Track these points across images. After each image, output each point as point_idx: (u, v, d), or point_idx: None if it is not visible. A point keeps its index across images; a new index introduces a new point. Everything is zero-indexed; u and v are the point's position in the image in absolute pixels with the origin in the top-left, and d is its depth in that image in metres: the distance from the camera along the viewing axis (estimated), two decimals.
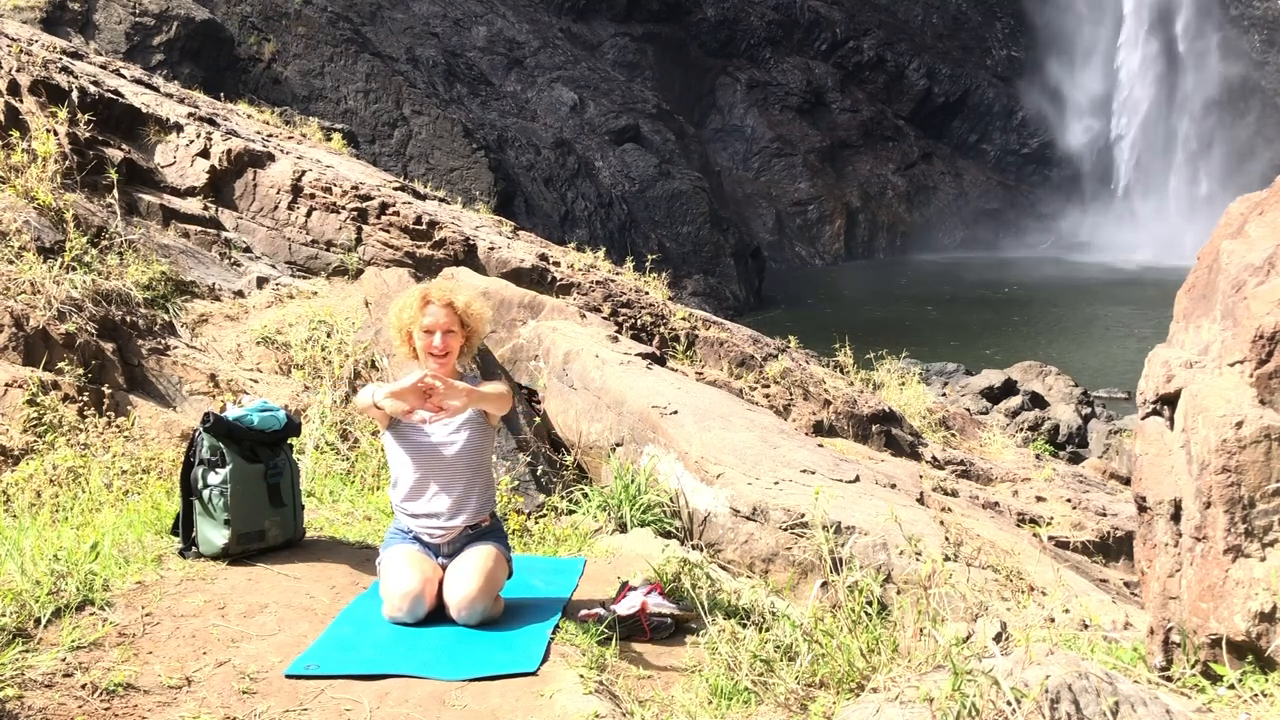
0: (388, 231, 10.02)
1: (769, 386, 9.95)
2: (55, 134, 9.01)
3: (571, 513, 6.44)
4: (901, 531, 5.52)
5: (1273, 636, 3.30)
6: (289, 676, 3.80)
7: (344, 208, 10.10)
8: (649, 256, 13.75)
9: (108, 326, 7.46)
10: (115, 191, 9.16)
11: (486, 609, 4.37)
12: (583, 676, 3.91)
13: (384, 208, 10.16)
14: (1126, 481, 11.52)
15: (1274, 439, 3.33)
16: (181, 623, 4.11)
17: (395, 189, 11.31)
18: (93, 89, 10.15)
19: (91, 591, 4.16)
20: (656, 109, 40.36)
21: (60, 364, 6.82)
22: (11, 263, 7.52)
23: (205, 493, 4.79)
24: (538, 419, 7.54)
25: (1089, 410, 19.49)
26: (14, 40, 10.71)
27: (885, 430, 9.92)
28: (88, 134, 9.47)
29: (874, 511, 5.91)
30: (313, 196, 10.15)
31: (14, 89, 9.54)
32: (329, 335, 8.39)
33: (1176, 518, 3.60)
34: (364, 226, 10.05)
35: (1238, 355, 3.53)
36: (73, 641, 3.78)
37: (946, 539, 5.93)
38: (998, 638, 3.66)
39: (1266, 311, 3.45)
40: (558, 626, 4.42)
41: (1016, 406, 19.14)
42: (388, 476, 5.00)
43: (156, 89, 12.03)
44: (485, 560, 4.42)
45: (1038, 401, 19.52)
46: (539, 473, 6.64)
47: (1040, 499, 9.04)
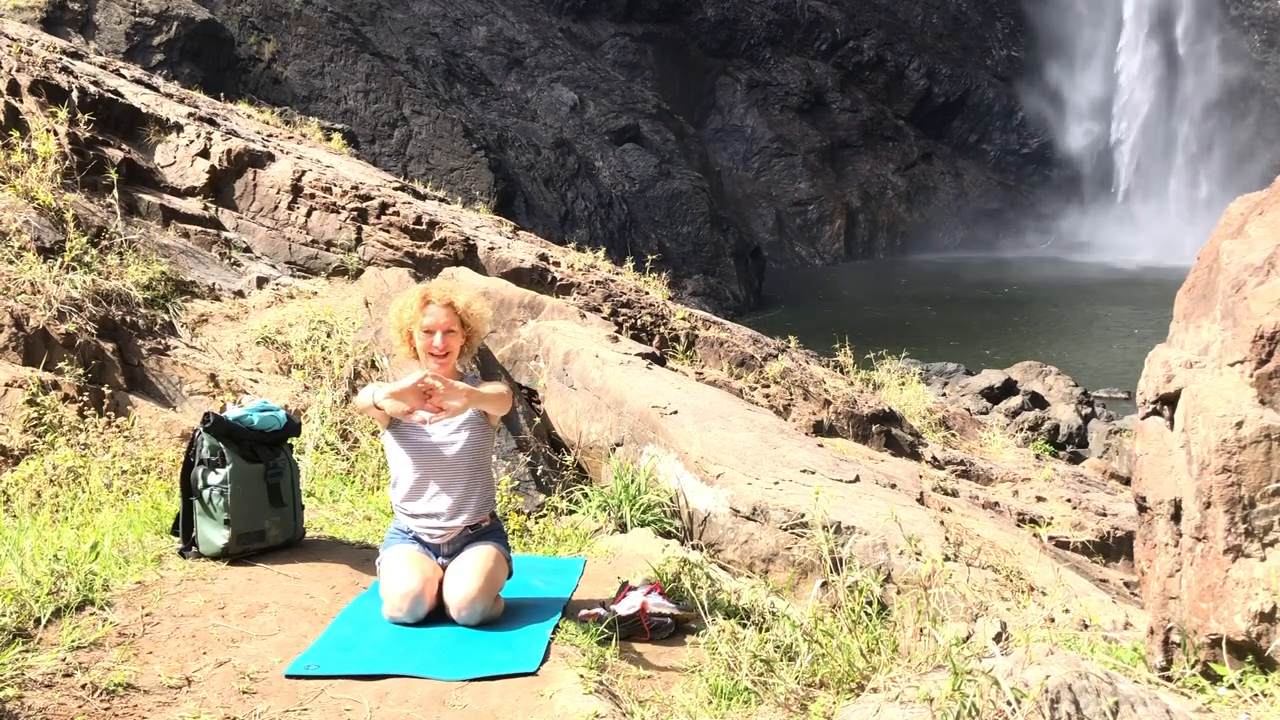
0: (388, 231, 10.02)
1: (769, 386, 9.95)
2: (55, 134, 9.01)
3: (571, 513, 6.43)
4: (901, 531, 5.52)
5: (1273, 636, 3.30)
6: (289, 676, 3.80)
7: (344, 208, 10.10)
8: (649, 256, 13.75)
9: (108, 326, 7.46)
10: (115, 191, 9.16)
11: (486, 609, 4.37)
12: (583, 676, 3.91)
13: (384, 208, 10.16)
14: (1126, 481, 11.52)
15: (1274, 439, 3.33)
16: (181, 623, 4.11)
17: (395, 189, 11.32)
18: (93, 89, 10.15)
19: (91, 591, 4.16)
20: (656, 109, 40.37)
21: (60, 364, 6.82)
22: (11, 263, 7.52)
23: (205, 493, 4.79)
24: (538, 419, 7.54)
25: (1089, 410, 19.49)
26: (14, 40, 10.71)
27: (885, 430, 9.92)
28: (88, 134, 9.47)
29: (874, 511, 5.91)
30: (313, 196, 10.15)
31: (14, 89, 9.54)
32: (329, 335, 8.39)
33: (1176, 518, 3.60)
34: (364, 226, 10.05)
35: (1238, 355, 3.53)
36: (73, 641, 3.78)
37: (946, 539, 5.93)
38: (998, 638, 3.66)
39: (1266, 311, 3.45)
40: (558, 626, 4.42)
41: (1016, 406, 19.14)
42: (388, 476, 5.00)
43: (156, 89, 12.03)
44: (485, 560, 4.42)
45: (1038, 401, 19.52)
46: (539, 473, 6.64)
47: (1040, 499, 9.04)
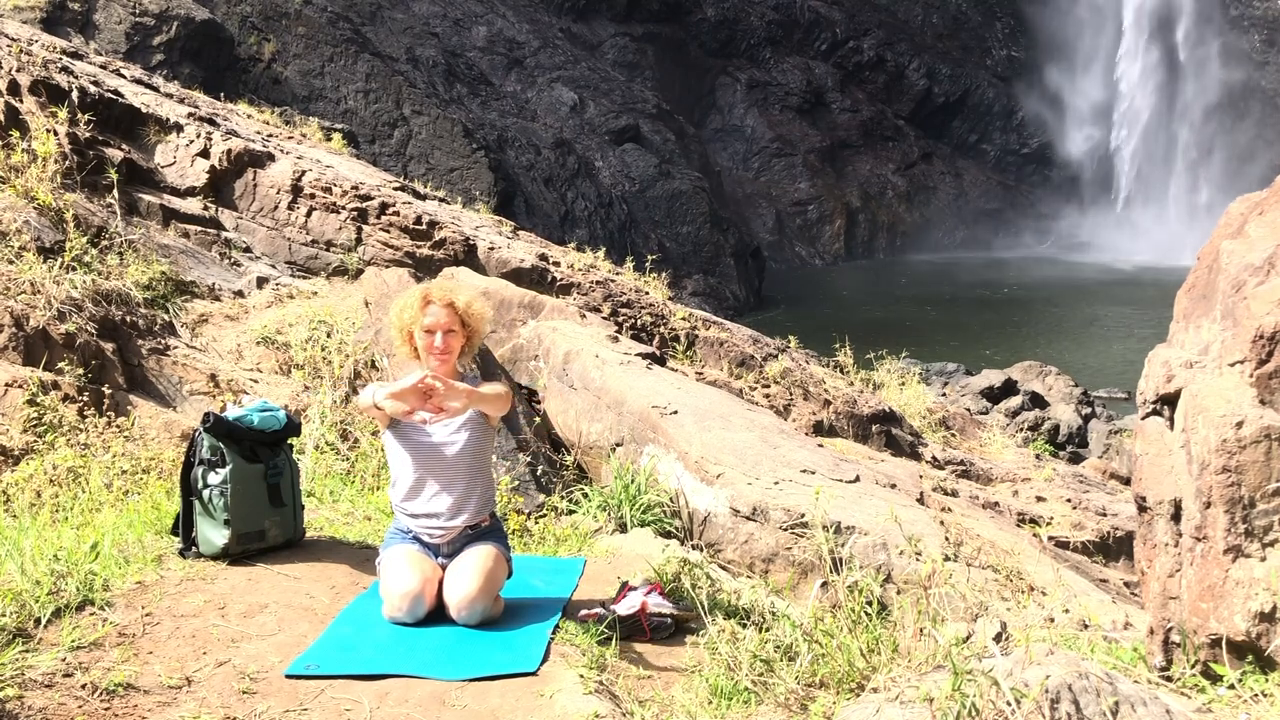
0: (388, 231, 10.02)
1: (769, 386, 9.95)
2: (55, 134, 9.01)
3: (571, 513, 6.43)
4: (901, 531, 5.52)
5: (1273, 636, 3.30)
6: (289, 676, 3.80)
7: (344, 208, 10.10)
8: (649, 256, 13.76)
9: (108, 326, 7.46)
10: (115, 191, 9.16)
11: (486, 609, 4.37)
12: (583, 676, 3.91)
13: (384, 208, 10.16)
14: (1126, 481, 11.52)
15: (1274, 439, 3.33)
16: (181, 623, 4.11)
17: (395, 189, 11.32)
18: (93, 89, 10.15)
19: (91, 591, 4.16)
20: (656, 109, 40.36)
21: (60, 364, 6.82)
22: (11, 263, 7.52)
23: (205, 493, 4.79)
24: (538, 419, 7.54)
25: (1089, 410, 19.49)
26: (14, 40, 10.71)
27: (885, 430, 9.92)
28: (88, 134, 9.47)
29: (874, 511, 5.91)
30: (313, 196, 10.15)
31: (14, 89, 9.54)
32: (329, 335, 8.39)
33: (1176, 518, 3.60)
34: (364, 226, 10.05)
35: (1238, 355, 3.53)
36: (73, 641, 3.78)
37: (946, 539, 5.93)
38: (998, 638, 3.66)
39: (1266, 311, 3.45)
40: (558, 626, 4.42)
41: (1016, 406, 19.14)
42: (388, 476, 5.00)
43: (156, 89, 12.03)
44: (485, 560, 4.42)
45: (1038, 401, 19.52)
46: (539, 473, 6.64)
47: (1040, 499, 9.04)
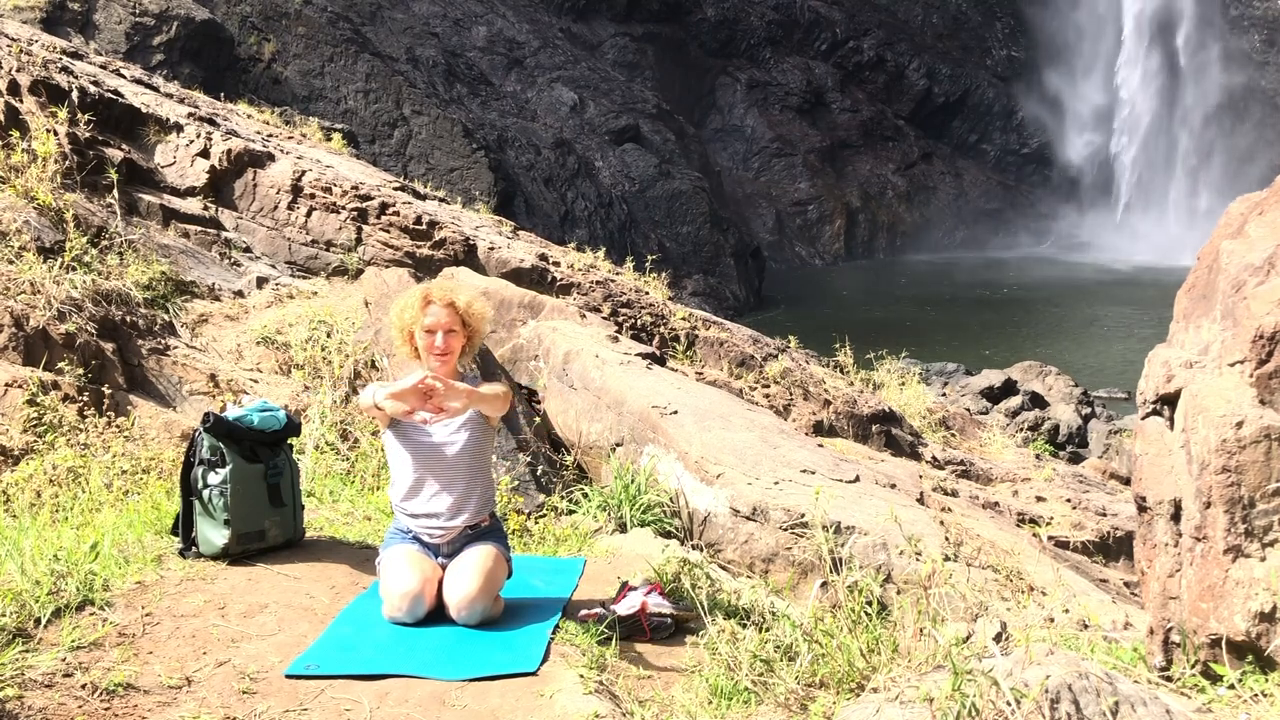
0: (388, 231, 10.02)
1: (769, 386, 9.95)
2: (55, 134, 9.01)
3: (571, 513, 6.43)
4: (901, 531, 5.52)
5: (1273, 636, 3.30)
6: (289, 676, 3.80)
7: (344, 208, 10.10)
8: (649, 256, 13.76)
9: (108, 326, 7.46)
10: (115, 191, 9.16)
11: (486, 609, 4.37)
12: (583, 676, 3.91)
13: (384, 208, 10.16)
14: (1126, 481, 11.52)
15: (1274, 439, 3.33)
16: (181, 623, 4.11)
17: (395, 189, 11.32)
18: (93, 89, 10.15)
19: (91, 591, 4.16)
20: (656, 109, 40.36)
21: (60, 364, 6.82)
22: (11, 263, 7.52)
23: (205, 493, 4.79)
24: (538, 419, 7.54)
25: (1089, 410, 19.49)
26: (14, 40, 10.71)
27: (885, 430, 9.92)
28: (88, 134, 9.47)
29: (874, 511, 5.91)
30: (313, 196, 10.15)
31: (14, 89, 9.54)
32: (329, 335, 8.39)
33: (1176, 518, 3.60)
34: (364, 226, 10.05)
35: (1238, 355, 3.53)
36: (73, 641, 3.78)
37: (946, 539, 5.93)
38: (998, 638, 3.66)
39: (1266, 311, 3.45)
40: (558, 626, 4.42)
41: (1016, 406, 19.14)
42: (388, 476, 5.00)
43: (156, 89, 12.03)
44: (485, 560, 4.42)
45: (1038, 401, 19.52)
46: (539, 473, 6.64)
47: (1040, 499, 9.04)
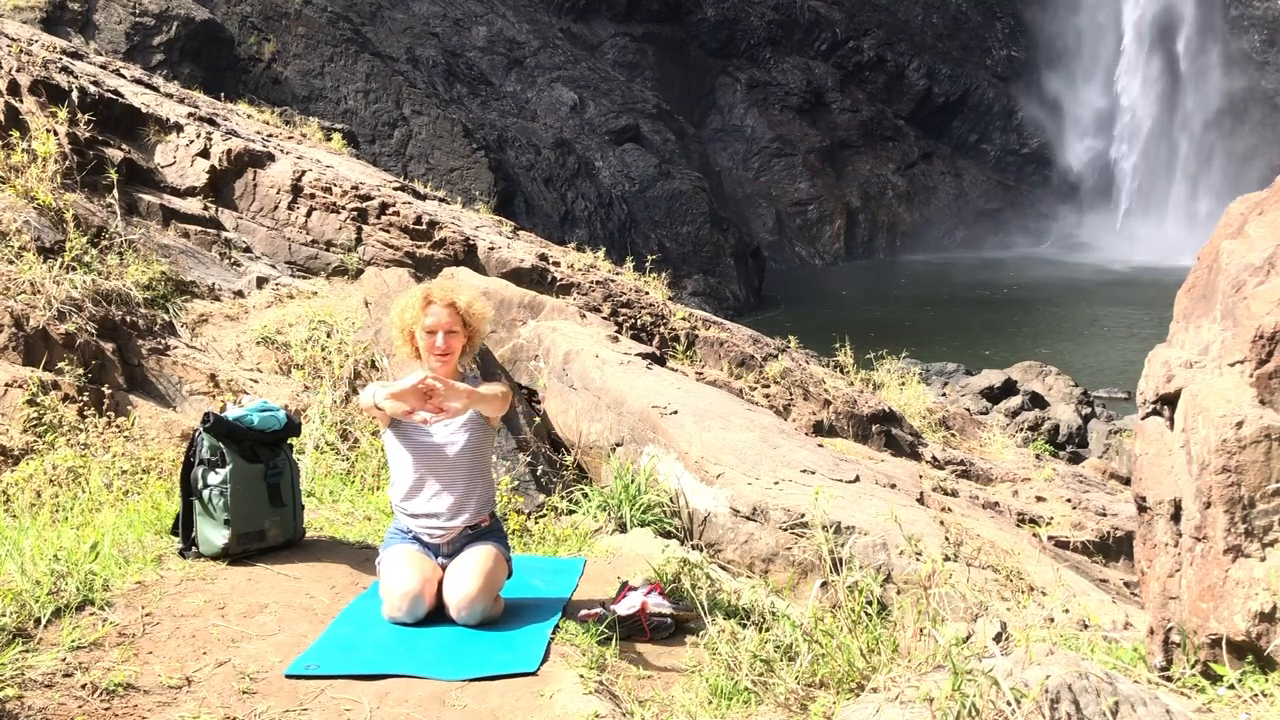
0: (388, 231, 10.02)
1: (769, 386, 9.95)
2: (55, 134, 9.01)
3: (571, 513, 6.43)
4: (901, 531, 5.52)
5: (1273, 636, 3.30)
6: (289, 676, 3.80)
7: (344, 208, 10.10)
8: (649, 256, 13.76)
9: (108, 326, 7.46)
10: (115, 191, 9.16)
11: (486, 609, 4.37)
12: (583, 676, 3.91)
13: (384, 208, 10.16)
14: (1126, 481, 11.52)
15: (1274, 439, 3.33)
16: (181, 623, 4.11)
17: (395, 189, 11.32)
18: (93, 89, 10.15)
19: (91, 591, 4.16)
20: (656, 109, 40.35)
21: (60, 364, 6.82)
22: (11, 263, 7.52)
23: (205, 493, 4.79)
24: (538, 419, 7.54)
25: (1089, 410, 19.49)
26: (14, 40, 10.71)
27: (885, 430, 9.92)
28: (88, 134, 9.47)
29: (874, 511, 5.91)
30: (313, 196, 10.15)
31: (14, 89, 9.54)
32: (329, 335, 8.39)
33: (1176, 518, 3.60)
34: (364, 226, 10.05)
35: (1238, 355, 3.53)
36: (73, 641, 3.78)
37: (946, 539, 5.93)
38: (998, 638, 3.66)
39: (1266, 311, 3.45)
40: (558, 626, 4.42)
41: (1016, 406, 19.14)
42: (388, 476, 5.00)
43: (156, 89, 12.03)
44: (485, 560, 4.42)
45: (1038, 401, 19.52)
46: (539, 473, 6.64)
47: (1040, 499, 9.04)
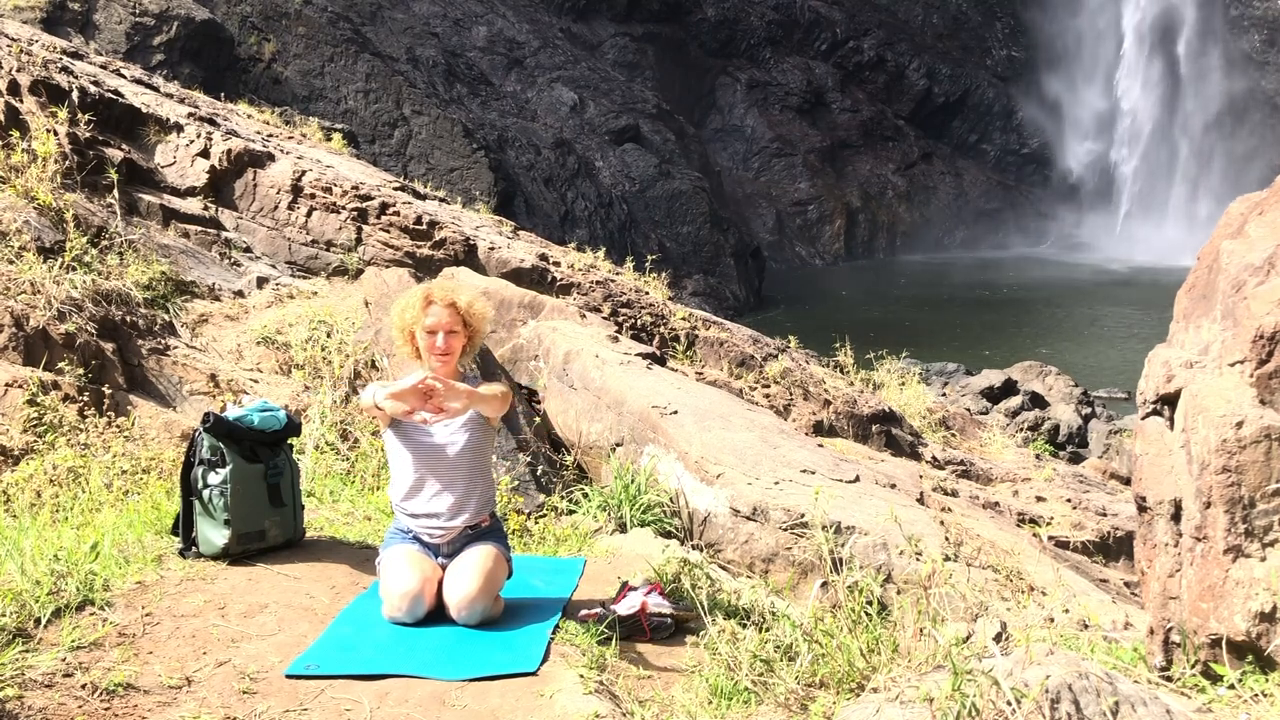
0: (388, 231, 10.02)
1: (769, 386, 9.95)
2: (55, 134, 9.01)
3: (571, 513, 6.43)
4: (901, 531, 5.52)
5: (1273, 636, 3.30)
6: (289, 676, 3.80)
7: (344, 208, 10.10)
8: (649, 256, 13.76)
9: (108, 326, 7.46)
10: (115, 191, 9.16)
11: (486, 609, 4.37)
12: (583, 676, 3.91)
13: (384, 208, 10.16)
14: (1126, 481, 11.52)
15: (1274, 439, 3.33)
16: (181, 623, 4.11)
17: (395, 189, 11.31)
18: (93, 89, 10.15)
19: (91, 591, 4.16)
20: (656, 109, 40.35)
21: (60, 364, 6.82)
22: (11, 263, 7.52)
23: (205, 493, 4.79)
24: (538, 419, 7.54)
25: (1089, 410, 19.48)
26: (14, 40, 10.71)
27: (885, 430, 9.92)
28: (88, 134, 9.47)
29: (874, 511, 5.91)
30: (313, 196, 10.15)
31: (14, 89, 9.54)
32: (329, 335, 8.40)
33: (1176, 518, 3.60)
34: (364, 226, 10.05)
35: (1238, 355, 3.53)
36: (73, 641, 3.78)
37: (946, 539, 5.93)
38: (998, 638, 3.66)
39: (1266, 311, 3.45)
40: (558, 626, 4.42)
41: (1016, 406, 19.14)
42: (388, 476, 5.00)
43: (156, 89, 12.03)
44: (485, 560, 4.42)
45: (1038, 401, 19.52)
46: (539, 473, 6.64)
47: (1040, 499, 9.04)
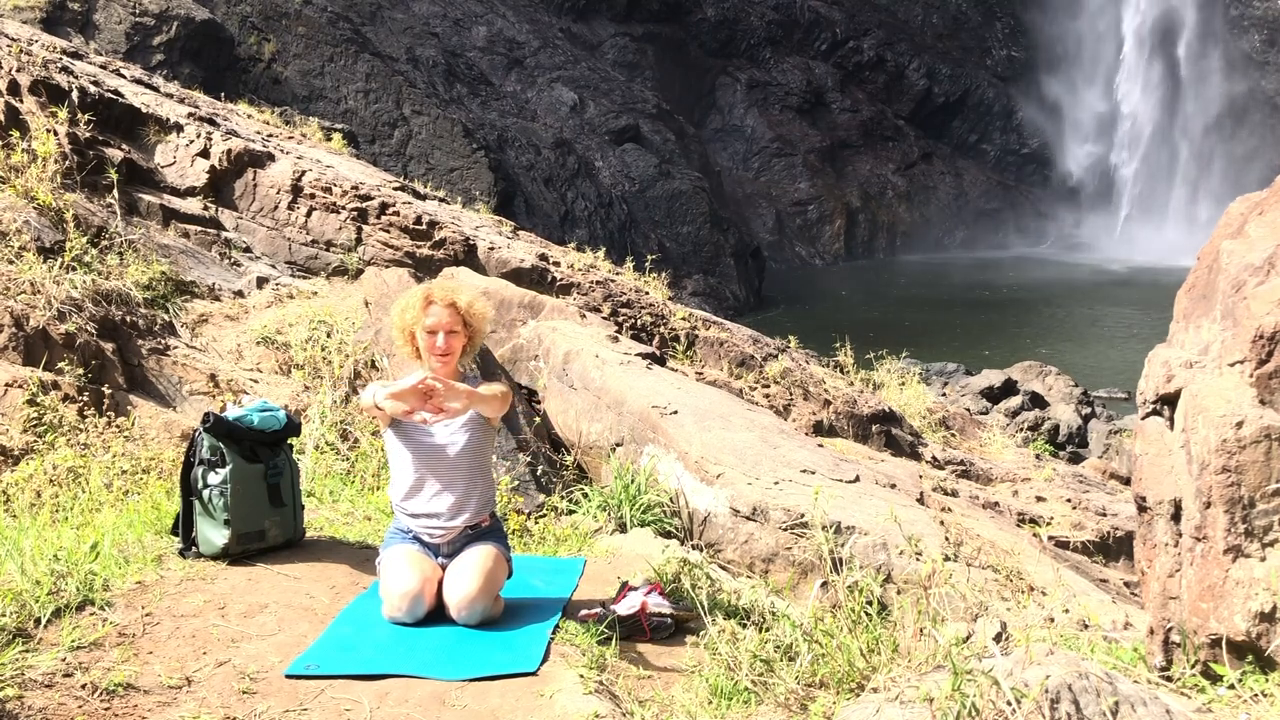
0: (388, 231, 10.02)
1: (769, 386, 9.95)
2: (55, 134, 9.01)
3: (571, 513, 6.43)
4: (901, 531, 5.52)
5: (1273, 636, 3.30)
6: (289, 676, 3.80)
7: (344, 208, 10.10)
8: (649, 256, 13.76)
9: (108, 326, 7.46)
10: (115, 191, 9.16)
11: (486, 609, 4.37)
12: (583, 676, 3.91)
13: (384, 208, 10.16)
14: (1126, 481, 11.52)
15: (1274, 439, 3.33)
16: (181, 623, 4.11)
17: (395, 189, 11.31)
18: (93, 89, 10.15)
19: (91, 591, 4.16)
20: (656, 109, 40.34)
21: (60, 364, 6.82)
22: (11, 263, 7.52)
23: (205, 493, 4.79)
24: (538, 419, 7.54)
25: (1089, 410, 19.48)
26: (14, 40, 10.71)
27: (885, 430, 9.92)
28: (88, 134, 9.47)
29: (874, 511, 5.91)
30: (313, 196, 10.15)
31: (14, 89, 9.54)
32: (329, 335, 8.39)
33: (1176, 518, 3.60)
34: (364, 226, 10.05)
35: (1238, 355, 3.53)
36: (73, 641, 3.78)
37: (946, 539, 5.93)
38: (998, 638, 3.66)
39: (1266, 311, 3.45)
40: (558, 626, 4.42)
41: (1016, 406, 19.14)
42: (388, 476, 5.00)
43: (156, 89, 12.03)
44: (485, 560, 4.42)
45: (1038, 401, 19.52)
46: (539, 473, 6.64)
47: (1040, 499, 9.04)
